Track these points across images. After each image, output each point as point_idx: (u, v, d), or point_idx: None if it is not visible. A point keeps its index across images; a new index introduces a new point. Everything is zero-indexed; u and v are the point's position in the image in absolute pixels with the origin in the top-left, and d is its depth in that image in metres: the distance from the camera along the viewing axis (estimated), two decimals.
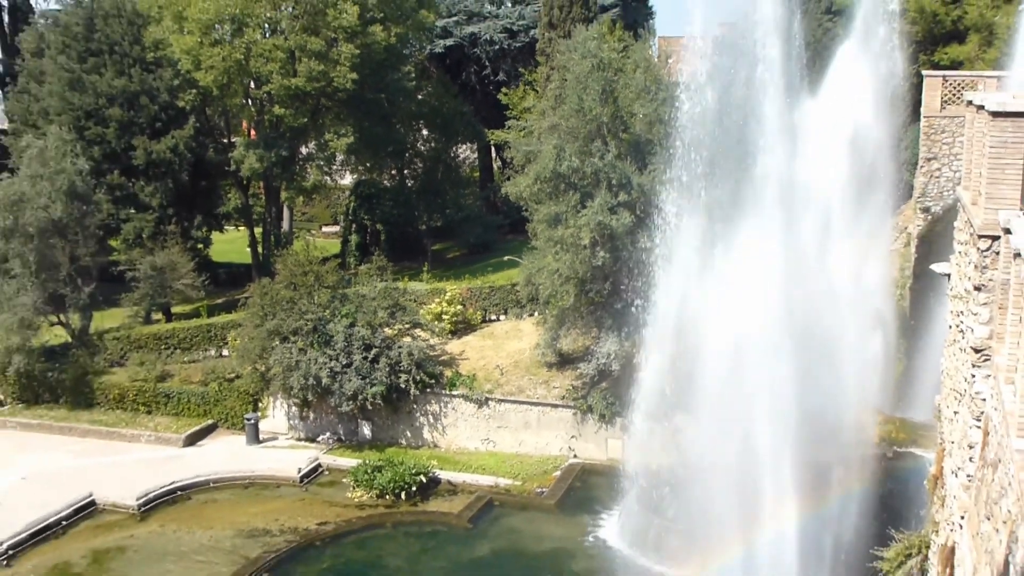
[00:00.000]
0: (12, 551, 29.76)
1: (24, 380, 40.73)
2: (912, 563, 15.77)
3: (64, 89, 47.08)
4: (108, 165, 46.76)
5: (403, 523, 31.24)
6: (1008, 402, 9.35)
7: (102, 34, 47.79)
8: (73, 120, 46.25)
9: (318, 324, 36.23)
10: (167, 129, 47.55)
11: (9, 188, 40.31)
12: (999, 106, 12.34)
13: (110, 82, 46.76)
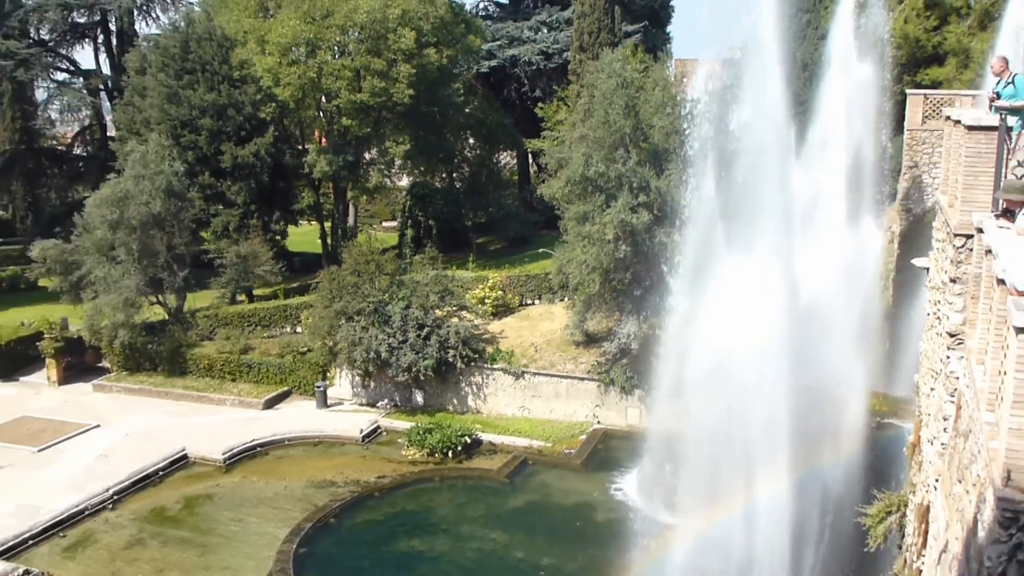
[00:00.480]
0: (117, 496, 30.18)
1: (128, 351, 41.14)
2: (892, 519, 15.69)
3: (163, 102, 47.49)
4: (200, 167, 47.13)
5: (449, 478, 31.38)
6: (979, 380, 9.31)
7: (195, 55, 48.12)
8: (170, 129, 46.64)
9: (378, 306, 36.40)
10: (250, 137, 47.87)
11: (116, 187, 40.75)
12: (974, 121, 12.35)
13: (202, 96, 47.11)
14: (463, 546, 26.66)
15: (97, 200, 41.09)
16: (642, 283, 33.83)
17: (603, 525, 27.80)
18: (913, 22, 37.03)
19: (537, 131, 52.10)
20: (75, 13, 68.83)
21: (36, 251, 43.13)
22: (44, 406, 38.79)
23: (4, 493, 30.07)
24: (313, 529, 26.53)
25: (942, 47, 36.70)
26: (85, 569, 25.98)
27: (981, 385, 9.02)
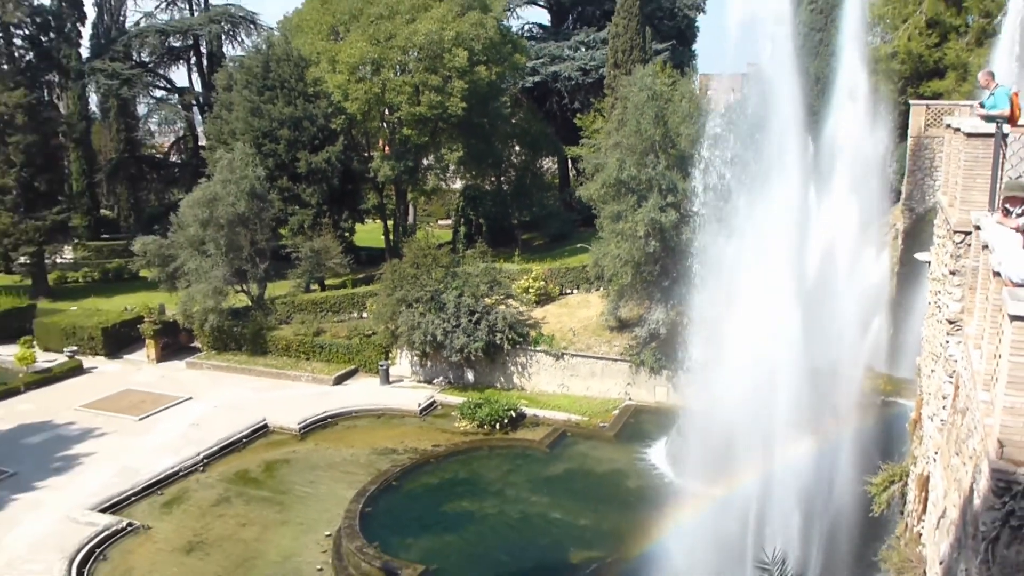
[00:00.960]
0: (207, 460, 30.59)
1: (216, 333, 41.58)
2: (895, 488, 15.44)
3: (247, 115, 47.95)
4: (279, 173, 47.55)
5: (497, 447, 31.40)
6: (975, 363, 9.17)
7: (275, 74, 48.50)
8: (253, 139, 47.08)
9: (434, 294, 36.49)
10: (323, 146, 48.18)
11: (207, 189, 41.25)
12: (972, 129, 12.18)
13: (281, 110, 47.49)
14: (508, 507, 26.69)
15: (190, 201, 41.63)
16: (670, 275, 33.59)
17: (633, 490, 27.69)
18: (916, 39, 36.37)
19: (576, 139, 51.88)
20: (171, 38, 69.78)
21: (138, 246, 43.85)
22: (144, 380, 39.38)
23: (110, 456, 30.57)
24: (377, 491, 26.66)
25: (942, 62, 36.07)
26: (179, 523, 26.32)
27: (978, 367, 8.92)
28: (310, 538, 25.02)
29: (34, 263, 55.11)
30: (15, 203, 52.20)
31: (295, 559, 23.90)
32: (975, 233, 10.78)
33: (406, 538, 24.31)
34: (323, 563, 23.60)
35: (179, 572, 23.37)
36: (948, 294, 12.22)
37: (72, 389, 38.17)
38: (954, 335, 11.84)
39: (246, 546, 24.65)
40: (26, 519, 25.83)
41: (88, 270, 60.99)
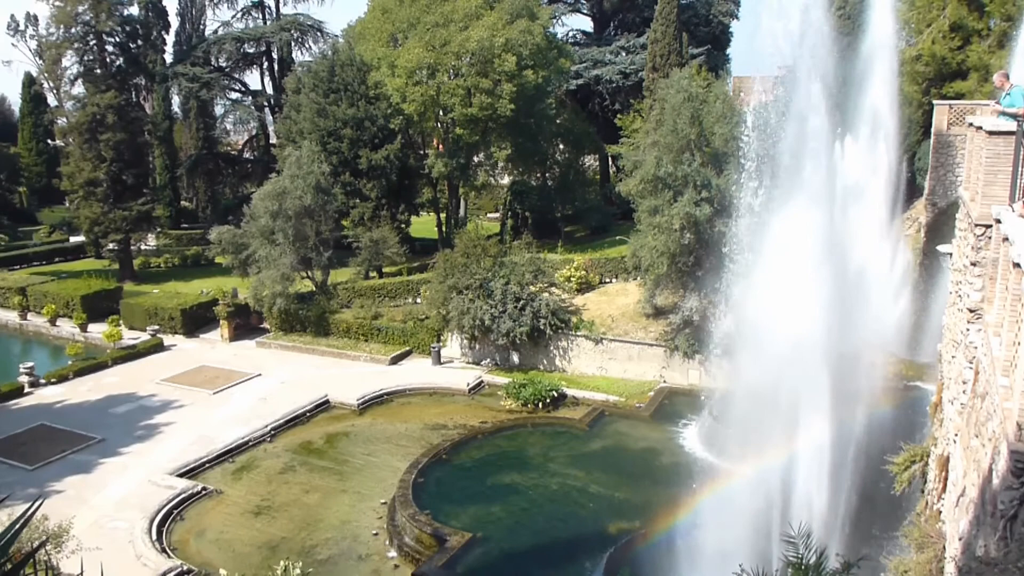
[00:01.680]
0: (274, 431, 30.98)
1: (283, 316, 42.04)
2: (915, 468, 15.12)
3: (314, 116, 48.38)
4: (342, 169, 47.92)
5: (539, 425, 31.35)
6: (995, 349, 8.93)
7: (340, 78, 48.84)
8: (319, 137, 47.50)
9: (483, 282, 36.52)
10: (382, 144, 48.44)
11: (276, 184, 41.69)
12: (994, 127, 11.86)
13: (344, 111, 47.84)
14: (550, 480, 26.66)
15: (261, 194, 42.12)
16: (703, 265, 33.23)
17: (667, 467, 27.48)
18: (939, 43, 35.44)
19: (616, 138, 51.50)
20: (246, 45, 70.70)
21: (214, 235, 44.54)
22: (218, 358, 40.01)
23: (187, 426, 31.15)
24: (428, 463, 26.77)
25: (965, 64, 35.14)
26: (249, 488, 26.73)
27: (997, 354, 8.69)
28: (367, 505, 25.25)
29: (121, 249, 56.40)
30: (105, 195, 53.44)
31: (353, 524, 24.15)
32: (995, 226, 10.50)
33: (455, 507, 24.40)
34: (378, 528, 23.82)
35: (248, 533, 23.75)
36: (969, 284, 11.90)
37: (154, 364, 38.95)
38: (974, 323, 11.53)
39: (308, 511, 24.96)
40: (113, 481, 26.44)
41: (169, 256, 62.26)
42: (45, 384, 35.79)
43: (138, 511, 24.20)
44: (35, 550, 3.43)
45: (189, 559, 22.06)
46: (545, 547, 22.57)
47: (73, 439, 29.72)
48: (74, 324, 45.40)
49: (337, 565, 21.96)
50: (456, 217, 58.15)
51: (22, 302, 48.45)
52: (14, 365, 37.41)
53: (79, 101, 55.36)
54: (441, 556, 20.75)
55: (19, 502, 22.28)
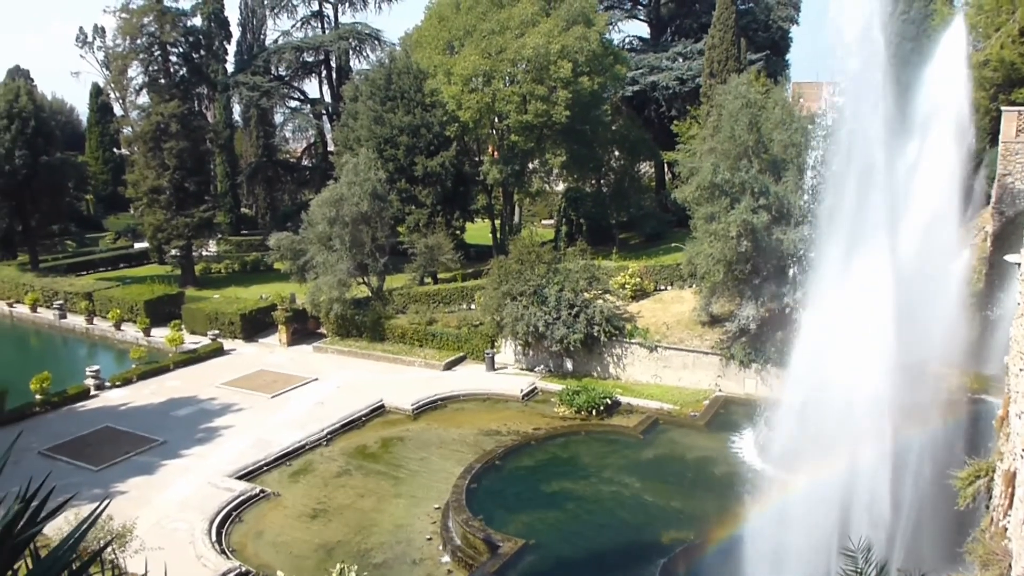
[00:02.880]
0: (330, 435, 31.34)
1: (340, 321, 42.61)
2: (980, 483, 14.70)
3: (371, 123, 49.06)
4: (398, 175, 48.47)
5: (593, 432, 31.21)
6: None
7: (396, 86, 49.47)
8: (376, 144, 48.13)
9: (537, 289, 36.55)
10: (438, 151, 48.88)
11: (334, 191, 42.28)
12: None
13: (401, 119, 48.42)
14: (603, 488, 26.54)
15: (319, 201, 42.73)
16: (760, 273, 32.80)
17: (722, 477, 27.14)
18: (1008, 47, 34.43)
19: (672, 145, 51.19)
20: (305, 54, 72.04)
21: (272, 241, 45.37)
22: (276, 362, 40.71)
23: (246, 429, 31.74)
24: (481, 468, 26.82)
25: None
26: (306, 491, 27.11)
27: None
28: (421, 510, 25.43)
29: (183, 255, 57.86)
30: (168, 202, 54.91)
31: (407, 528, 24.35)
32: None
33: (508, 513, 24.43)
34: (432, 533, 23.98)
35: (305, 536, 24.11)
36: None
37: (214, 368, 39.82)
38: None
39: (363, 515, 25.24)
40: (174, 482, 27.08)
41: (229, 262, 63.69)
42: (110, 387, 36.86)
43: (198, 512, 24.73)
44: (101, 550, 3.57)
45: (247, 561, 22.47)
46: (598, 555, 22.48)
47: (136, 441, 30.54)
48: (138, 328, 46.67)
49: (391, 569, 22.16)
50: (511, 224, 58.37)
51: (88, 307, 49.99)
52: (81, 368, 38.63)
53: (144, 110, 57.06)
54: (494, 562, 20.81)
55: (85, 502, 22.98)
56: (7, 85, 58.62)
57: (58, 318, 50.79)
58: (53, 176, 58.05)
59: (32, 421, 32.54)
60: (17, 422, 32.02)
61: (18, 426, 31.50)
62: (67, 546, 3.05)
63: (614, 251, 48.03)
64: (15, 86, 58.22)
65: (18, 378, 35.00)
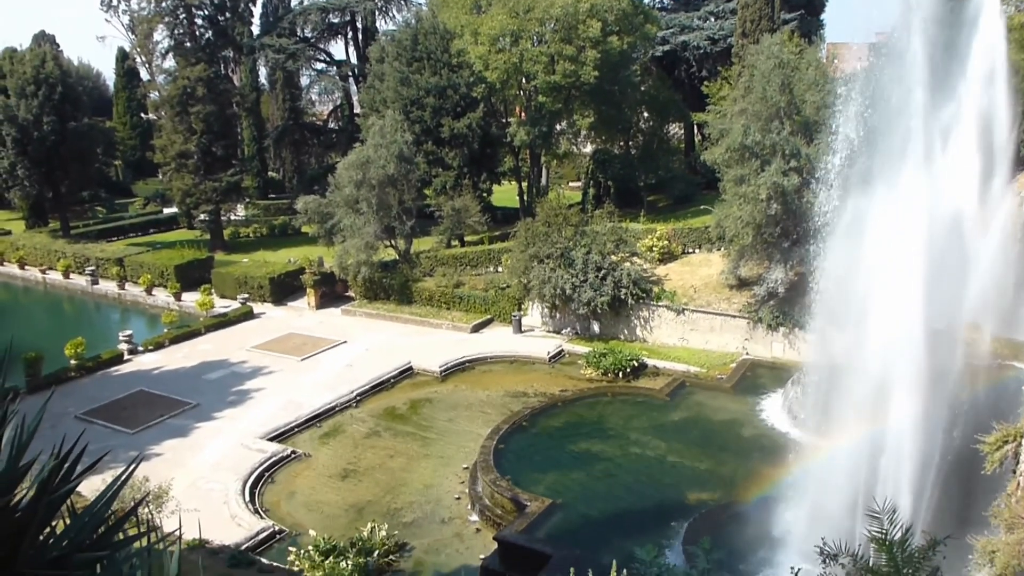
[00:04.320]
0: (359, 397, 31.76)
1: (367, 284, 42.90)
2: (1008, 448, 14.64)
3: (397, 85, 48.91)
4: (424, 138, 48.38)
5: (619, 394, 31.36)
6: None
7: (423, 46, 49.19)
8: (402, 106, 48.01)
9: (564, 251, 36.55)
10: (464, 112, 48.68)
11: (361, 153, 42.31)
12: None
13: (427, 80, 48.22)
14: (629, 449, 26.73)
15: (346, 164, 42.84)
16: (790, 236, 32.54)
17: (748, 439, 27.26)
18: None
19: (702, 106, 50.55)
20: (331, 15, 71.75)
21: (300, 204, 45.64)
22: (305, 325, 41.17)
23: (277, 391, 32.24)
24: (509, 429, 27.04)
25: None
26: (335, 452, 27.59)
27: None
28: (449, 470, 25.83)
29: (212, 220, 58.39)
30: (196, 167, 55.30)
31: (436, 488, 24.76)
32: None
33: (535, 473, 24.72)
34: (460, 493, 24.37)
35: (335, 496, 24.60)
36: None
37: (244, 332, 40.40)
38: None
39: (393, 475, 25.67)
40: (208, 444, 27.67)
41: (257, 226, 64.21)
42: (143, 351, 37.54)
43: (232, 473, 25.28)
44: (135, 506, 3.69)
45: (280, 520, 23.00)
46: (624, 515, 22.72)
47: (170, 404, 31.17)
48: (169, 293, 47.36)
49: (421, 528, 22.59)
50: (538, 186, 58.17)
51: (120, 272, 50.76)
52: (114, 333, 39.39)
53: (170, 75, 57.35)
54: (521, 521, 21.12)
55: (121, 464, 23.54)
56: (33, 51, 59.01)
57: (90, 284, 51.62)
58: (81, 142, 58.62)
59: (67, 386, 33.23)
60: (53, 387, 32.78)
61: (56, 391, 32.25)
62: (102, 502, 3.19)
63: (642, 214, 47.77)
64: (41, 52, 58.64)
65: (53, 344, 35.72)
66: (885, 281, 19.49)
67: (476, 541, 21.99)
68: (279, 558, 20.38)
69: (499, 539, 20.46)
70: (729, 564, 18.89)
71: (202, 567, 13.79)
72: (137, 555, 3.31)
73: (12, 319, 47.95)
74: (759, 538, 19.67)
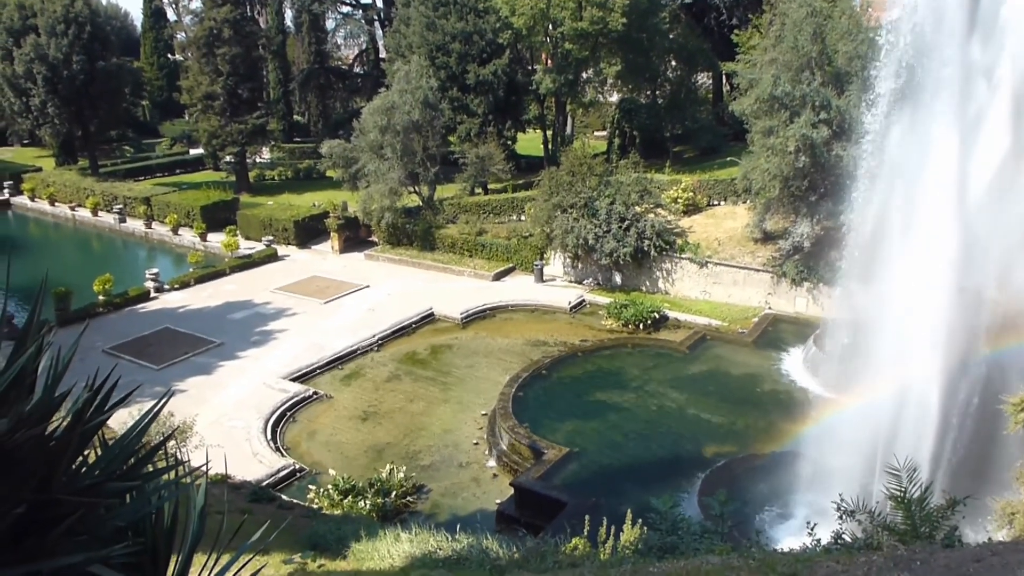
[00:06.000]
0: (381, 341, 31.96)
1: (391, 229, 42.96)
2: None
3: (423, 30, 48.29)
4: (450, 84, 47.92)
5: (640, 345, 31.34)
6: None
7: None
8: (428, 52, 47.48)
9: (588, 201, 36.27)
10: (490, 59, 48.10)
11: (386, 98, 42.04)
12: None
13: (453, 25, 47.55)
14: (647, 400, 26.79)
15: (371, 109, 42.59)
16: (817, 190, 32.07)
17: (768, 394, 27.22)
18: None
19: (732, 55, 49.45)
20: None
21: (325, 148, 45.54)
22: (328, 269, 41.36)
23: (300, 333, 32.54)
24: (528, 377, 27.15)
25: None
26: (357, 394, 27.87)
27: None
28: (468, 415, 26.04)
29: (237, 162, 58.44)
30: (222, 108, 55.14)
31: (454, 433, 24.99)
32: None
33: (552, 421, 24.89)
34: (479, 438, 24.59)
35: (355, 437, 24.91)
36: None
37: (268, 274, 40.65)
38: None
39: (412, 418, 25.93)
40: (231, 383, 28.04)
41: (282, 169, 64.20)
42: (169, 290, 37.91)
43: (254, 411, 25.64)
44: (165, 439, 3.73)
45: (301, 458, 23.36)
46: (640, 465, 22.85)
47: (195, 342, 31.54)
48: (194, 233, 47.65)
49: (439, 471, 22.85)
50: (563, 135, 57.57)
51: (147, 212, 51.10)
52: (141, 271, 39.73)
53: (196, 16, 56.98)
54: (538, 468, 21.31)
55: (147, 399, 23.93)
56: None
57: (118, 222, 52.03)
58: (110, 82, 58.59)
59: (95, 321, 33.71)
60: (82, 321, 33.21)
61: (83, 326, 32.66)
62: (134, 434, 3.20)
63: (667, 164, 47.23)
64: None
65: (82, 280, 36.14)
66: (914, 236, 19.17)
67: (493, 486, 22.22)
68: (299, 495, 20.71)
69: (516, 485, 20.67)
70: (745, 516, 18.99)
71: (226, 500, 14.04)
72: (165, 487, 3.34)
73: (43, 254, 48.57)
74: (776, 492, 19.73)
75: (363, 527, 12.22)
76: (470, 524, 15.87)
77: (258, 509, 16.00)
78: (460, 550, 10.12)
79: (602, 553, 11.65)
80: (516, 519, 19.53)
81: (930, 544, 6.43)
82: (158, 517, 3.31)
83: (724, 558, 6.49)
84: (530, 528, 17.54)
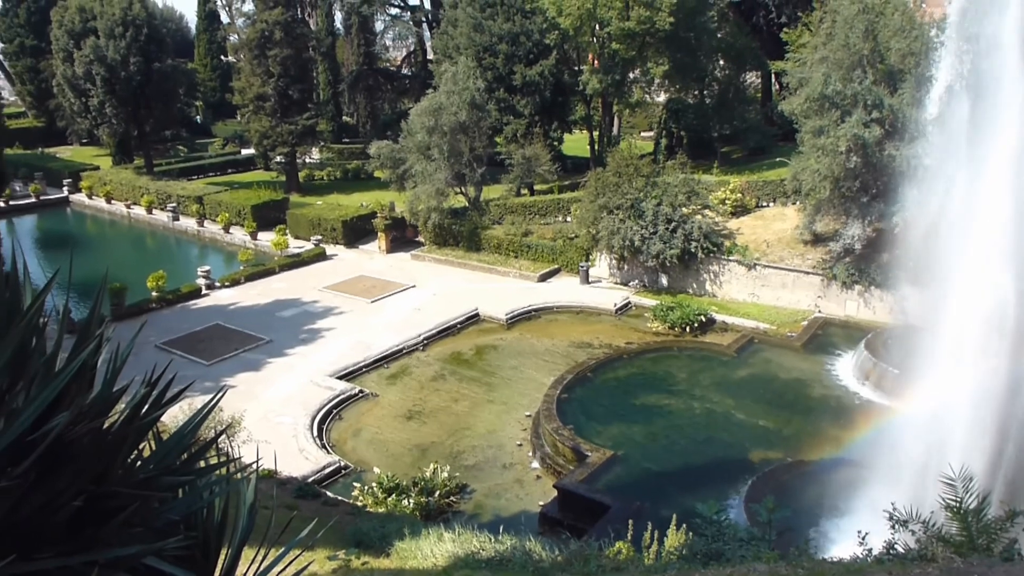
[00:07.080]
0: (427, 341, 32.13)
1: (437, 230, 43.10)
2: None
3: (470, 31, 48.45)
4: (496, 85, 47.98)
5: (686, 348, 31.06)
6: None
7: None
8: (475, 53, 47.61)
9: (634, 202, 36.02)
10: (537, 60, 48.08)
11: (433, 99, 42.22)
12: None
13: (500, 26, 47.63)
14: (694, 404, 26.53)
15: (418, 110, 42.78)
16: (869, 191, 31.48)
17: (817, 399, 26.78)
18: None
19: (781, 54, 48.79)
20: None
21: (373, 149, 45.96)
22: (375, 268, 41.67)
23: (347, 332, 32.82)
24: (573, 379, 27.05)
25: None
26: (402, 393, 28.03)
27: None
28: (512, 416, 26.03)
29: (287, 162, 59.23)
30: (273, 109, 55.93)
31: (499, 433, 25.01)
32: None
33: (597, 424, 24.77)
34: (522, 439, 24.57)
35: (400, 435, 25.07)
36: None
37: (316, 272, 41.10)
38: None
39: (457, 418, 26.01)
40: (279, 379, 28.41)
41: (331, 170, 64.89)
42: (220, 287, 38.56)
43: (301, 408, 25.95)
44: (217, 436, 3.79)
45: (346, 456, 23.58)
46: (685, 470, 22.64)
47: (244, 339, 32.03)
48: (245, 232, 48.41)
49: (482, 471, 22.89)
50: (609, 135, 57.23)
51: (199, 210, 52.03)
52: (193, 268, 40.50)
53: (249, 18, 57.84)
54: (582, 471, 21.22)
55: (197, 394, 24.39)
56: None
57: (171, 220, 53.06)
58: (165, 82, 59.87)
59: (149, 316, 34.38)
60: (136, 316, 33.95)
61: (138, 320, 33.36)
62: (188, 429, 3.25)
63: (715, 165, 46.75)
64: None
65: (136, 276, 36.93)
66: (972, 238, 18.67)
67: (536, 488, 22.19)
68: (344, 492, 20.89)
69: (559, 487, 20.62)
70: (793, 524, 18.68)
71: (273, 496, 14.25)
72: (217, 482, 3.39)
73: (99, 250, 49.77)
74: (825, 499, 19.37)
75: (406, 526, 12.30)
76: (513, 525, 15.84)
77: (304, 505, 16.21)
78: (503, 551, 10.12)
79: (646, 558, 11.56)
80: (559, 521, 19.47)
81: (988, 557, 6.26)
82: (209, 511, 3.37)
83: (771, 566, 6.39)
84: (573, 531, 17.44)
